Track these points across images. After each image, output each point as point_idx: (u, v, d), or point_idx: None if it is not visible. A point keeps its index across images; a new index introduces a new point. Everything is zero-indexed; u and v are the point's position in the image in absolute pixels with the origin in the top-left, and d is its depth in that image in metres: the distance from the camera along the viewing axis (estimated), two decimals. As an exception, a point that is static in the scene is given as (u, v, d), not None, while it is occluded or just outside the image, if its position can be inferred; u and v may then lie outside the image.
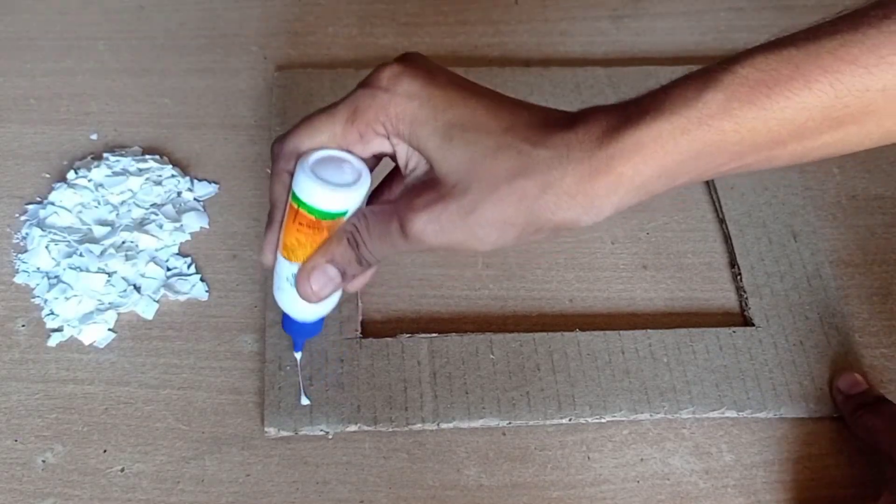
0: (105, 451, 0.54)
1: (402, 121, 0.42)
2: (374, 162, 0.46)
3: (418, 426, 0.55)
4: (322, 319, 0.50)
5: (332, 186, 0.43)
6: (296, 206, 0.44)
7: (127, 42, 0.75)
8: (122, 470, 0.53)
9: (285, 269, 0.47)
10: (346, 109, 0.44)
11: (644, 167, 0.39)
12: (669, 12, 0.80)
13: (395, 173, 0.48)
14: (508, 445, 0.55)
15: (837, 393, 0.57)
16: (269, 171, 0.64)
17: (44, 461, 0.53)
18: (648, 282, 0.63)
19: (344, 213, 0.44)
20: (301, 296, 0.46)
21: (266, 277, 0.60)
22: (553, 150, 0.40)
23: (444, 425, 0.55)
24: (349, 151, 0.44)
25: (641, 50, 0.77)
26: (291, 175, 0.45)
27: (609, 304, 0.62)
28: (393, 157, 0.45)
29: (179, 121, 0.69)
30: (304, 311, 0.48)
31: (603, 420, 0.56)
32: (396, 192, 0.47)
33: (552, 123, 0.41)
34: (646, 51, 0.77)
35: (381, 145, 0.44)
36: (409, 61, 0.44)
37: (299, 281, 0.46)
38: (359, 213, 0.45)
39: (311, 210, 0.43)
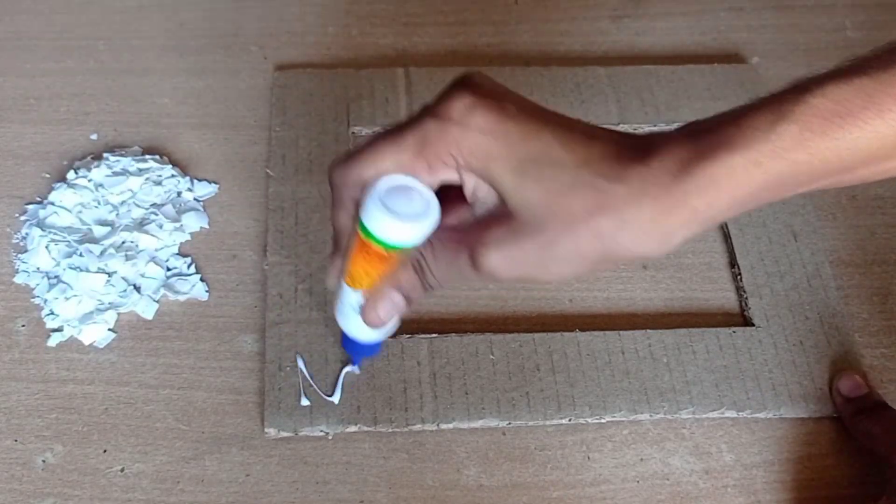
0: (105, 451, 0.54)
1: (475, 155, 0.42)
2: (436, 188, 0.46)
3: (418, 426, 0.55)
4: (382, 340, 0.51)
5: (403, 220, 0.42)
6: (365, 237, 0.43)
7: (127, 42, 0.74)
8: (122, 470, 0.53)
9: (350, 297, 0.47)
10: (414, 139, 0.43)
11: (718, 201, 0.40)
12: (669, 12, 0.80)
13: (454, 196, 0.46)
14: (508, 445, 0.55)
15: (837, 395, 0.57)
16: (269, 173, 0.65)
17: (44, 461, 0.53)
18: (648, 282, 0.63)
19: (414, 245, 0.44)
20: (367, 323, 0.47)
21: (266, 277, 0.60)
22: (629, 185, 0.40)
23: (443, 426, 0.55)
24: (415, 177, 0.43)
25: (641, 50, 0.77)
26: (356, 204, 0.44)
27: (609, 304, 0.62)
28: (458, 187, 0.44)
29: (179, 121, 0.69)
30: (367, 333, 0.49)
31: (603, 420, 0.56)
32: (457, 217, 0.46)
33: (625, 156, 0.41)
34: (646, 50, 0.77)
35: (449, 175, 0.43)
36: (478, 88, 0.43)
37: (367, 309, 0.47)
38: (426, 240, 0.44)
39: (381, 243, 0.43)
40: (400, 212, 0.42)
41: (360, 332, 0.49)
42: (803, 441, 0.57)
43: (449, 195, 0.44)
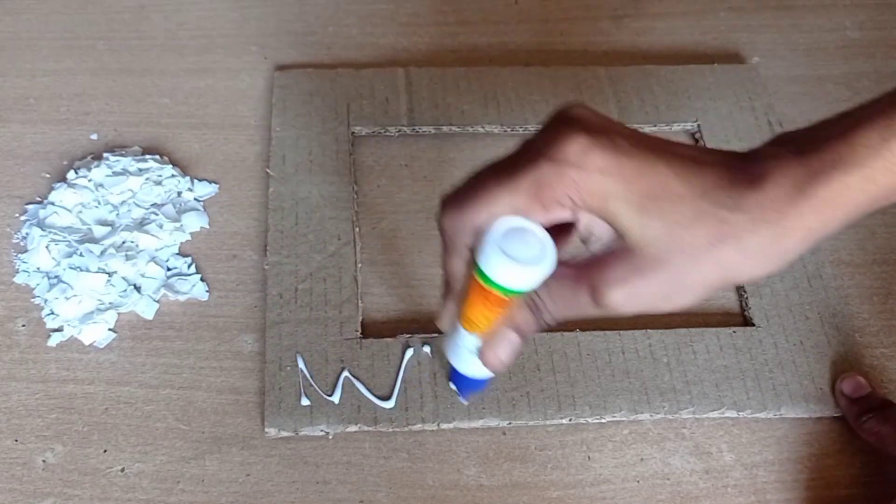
0: (105, 450, 0.54)
1: (594, 196, 0.41)
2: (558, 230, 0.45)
3: (418, 426, 0.55)
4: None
5: (523, 265, 0.41)
6: (484, 284, 0.43)
7: (127, 42, 0.75)
8: (123, 470, 0.53)
9: (466, 339, 0.47)
10: (528, 183, 0.42)
11: (832, 219, 0.40)
12: (669, 12, 0.80)
13: (559, 231, 0.45)
14: (508, 445, 0.55)
15: (841, 397, 0.57)
16: (269, 173, 0.65)
17: (44, 461, 0.53)
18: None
19: (533, 288, 0.43)
20: (487, 365, 0.47)
21: (266, 277, 0.60)
22: (748, 213, 0.40)
23: (444, 425, 0.55)
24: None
25: (641, 50, 0.77)
26: (470, 249, 0.44)
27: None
28: (569, 225, 0.44)
29: (179, 121, 0.69)
30: (481, 371, 0.49)
31: (603, 420, 0.56)
32: (565, 253, 0.45)
33: (739, 182, 0.41)
34: (646, 51, 0.77)
35: (564, 215, 0.43)
36: (588, 126, 0.42)
37: (486, 352, 0.47)
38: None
39: (501, 289, 0.43)
40: (518, 257, 0.42)
41: (475, 370, 0.49)
42: (803, 441, 0.57)
43: (553, 230, 0.44)
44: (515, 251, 0.42)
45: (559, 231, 0.44)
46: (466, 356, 0.48)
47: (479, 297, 0.44)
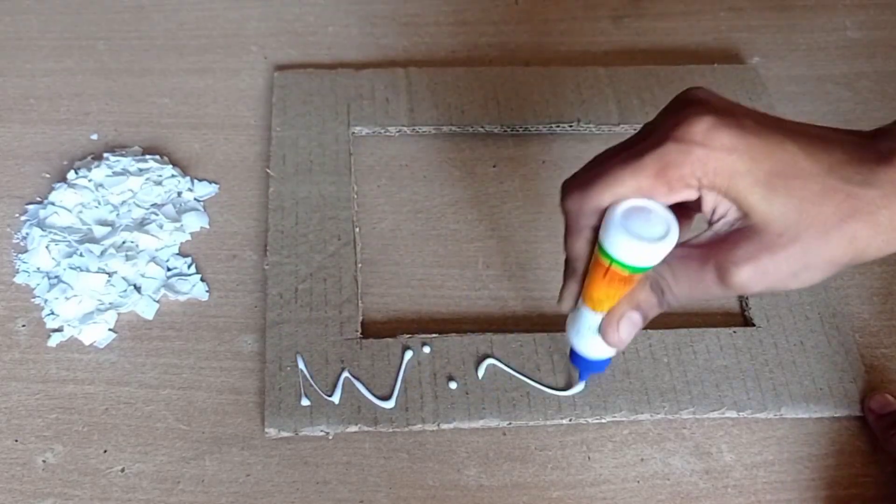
0: (105, 451, 0.54)
1: (721, 175, 0.41)
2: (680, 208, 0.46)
3: (418, 426, 0.55)
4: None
5: (645, 243, 0.42)
6: (607, 262, 0.43)
7: (127, 42, 0.75)
8: (123, 470, 0.53)
9: (589, 318, 0.48)
10: (654, 163, 0.42)
11: None
12: (669, 12, 0.80)
13: (680, 211, 0.46)
14: (509, 445, 0.55)
15: (869, 413, 0.57)
16: (270, 173, 0.65)
17: (44, 461, 0.53)
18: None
19: (655, 265, 0.44)
20: (609, 343, 0.48)
21: (266, 277, 0.60)
22: (880, 188, 0.40)
23: (444, 426, 0.55)
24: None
25: (642, 50, 0.77)
26: (594, 230, 0.44)
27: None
28: (695, 204, 0.43)
29: (179, 121, 0.69)
30: (602, 351, 0.49)
31: (603, 420, 0.56)
32: (688, 232, 0.46)
33: (869, 158, 0.41)
34: (646, 51, 0.77)
35: (688, 195, 0.43)
36: (712, 107, 0.42)
37: (607, 330, 0.47)
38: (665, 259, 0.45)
39: (626, 266, 0.43)
40: (642, 234, 0.42)
41: (597, 350, 0.49)
42: (803, 441, 0.57)
43: (677, 210, 0.44)
44: (638, 228, 0.42)
45: (682, 211, 0.44)
46: (588, 336, 0.48)
47: (602, 277, 0.44)
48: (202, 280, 0.61)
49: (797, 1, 0.82)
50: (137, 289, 0.60)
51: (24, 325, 0.58)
